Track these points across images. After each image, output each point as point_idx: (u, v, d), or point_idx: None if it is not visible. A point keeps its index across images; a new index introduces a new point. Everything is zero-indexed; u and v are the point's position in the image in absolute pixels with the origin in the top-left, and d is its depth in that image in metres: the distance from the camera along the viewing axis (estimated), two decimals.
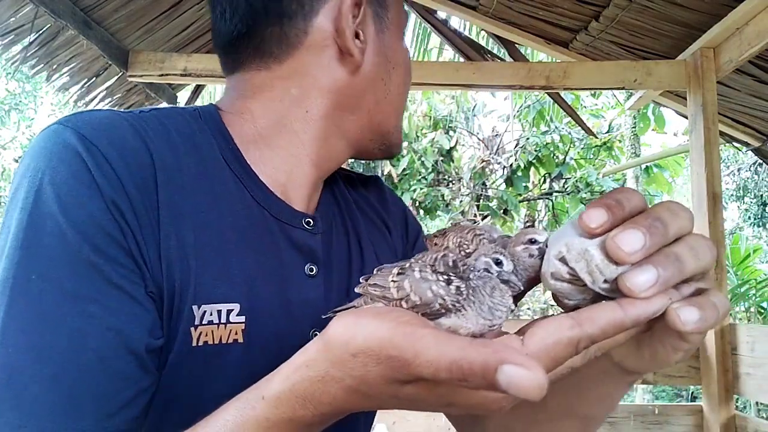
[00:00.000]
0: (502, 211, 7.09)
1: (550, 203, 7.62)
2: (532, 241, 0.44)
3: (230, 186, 0.60)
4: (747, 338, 2.08)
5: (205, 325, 0.55)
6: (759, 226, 9.37)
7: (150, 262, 0.52)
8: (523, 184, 7.38)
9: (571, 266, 0.39)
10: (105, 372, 0.48)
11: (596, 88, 2.82)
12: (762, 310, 6.20)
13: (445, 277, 0.41)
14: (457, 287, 0.41)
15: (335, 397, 0.41)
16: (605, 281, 0.38)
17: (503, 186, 7.43)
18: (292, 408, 0.42)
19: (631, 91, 2.79)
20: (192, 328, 0.54)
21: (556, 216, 7.60)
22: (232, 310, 0.56)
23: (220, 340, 0.55)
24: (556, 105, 4.65)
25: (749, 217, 9.44)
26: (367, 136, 0.70)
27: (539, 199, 7.79)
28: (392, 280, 0.43)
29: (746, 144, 2.86)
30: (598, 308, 0.36)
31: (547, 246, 0.43)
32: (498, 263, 0.41)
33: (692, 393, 6.72)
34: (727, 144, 2.96)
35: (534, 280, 0.46)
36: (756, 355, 2.03)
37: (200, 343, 0.55)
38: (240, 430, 0.44)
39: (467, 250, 0.43)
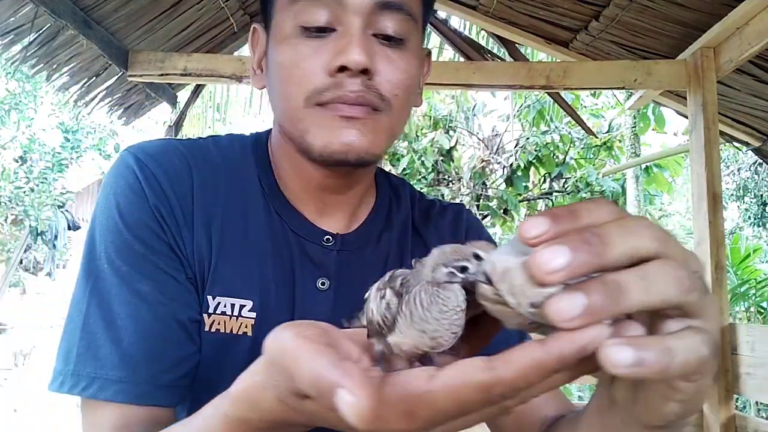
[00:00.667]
0: (502, 211, 7.09)
1: (550, 203, 7.62)
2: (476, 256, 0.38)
3: (259, 201, 0.69)
4: (747, 338, 2.08)
5: (218, 314, 0.64)
6: (759, 226, 9.37)
7: (186, 254, 0.64)
8: (523, 184, 7.38)
9: (497, 287, 0.33)
10: (157, 337, 0.60)
11: (596, 88, 2.82)
12: (762, 310, 6.20)
13: (383, 293, 0.38)
14: (387, 304, 0.37)
15: (271, 405, 0.41)
16: (532, 305, 0.31)
17: (503, 186, 7.43)
18: (243, 410, 0.44)
19: (631, 91, 2.79)
20: (205, 315, 0.64)
21: None
22: (245, 305, 0.64)
23: (231, 330, 0.64)
24: (556, 105, 4.65)
25: (749, 217, 9.44)
26: (294, 146, 0.69)
27: (539, 199, 7.80)
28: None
29: (746, 144, 2.86)
30: (518, 348, 0.30)
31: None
32: (464, 270, 0.36)
33: None
34: (727, 144, 2.96)
35: None
36: (756, 355, 2.03)
37: (212, 330, 0.64)
38: (211, 421, 0.47)
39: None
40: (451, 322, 0.35)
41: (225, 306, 0.64)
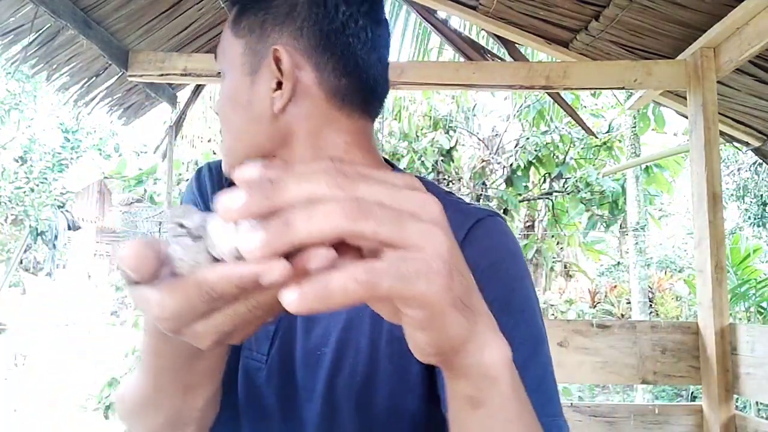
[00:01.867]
0: (502, 211, 7.09)
1: (550, 203, 7.63)
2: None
3: None
4: (747, 338, 2.08)
5: None
6: (759, 226, 9.37)
7: None
8: (523, 184, 7.39)
9: (206, 242, 0.38)
10: None
11: (596, 88, 2.82)
12: (762, 310, 6.20)
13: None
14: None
15: None
16: (236, 250, 0.36)
17: (503, 186, 7.44)
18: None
19: (631, 91, 2.79)
20: None
21: (556, 216, 7.61)
22: None
23: None
24: (556, 105, 4.65)
25: (749, 217, 9.43)
26: None
27: (539, 198, 7.80)
28: None
29: (746, 144, 2.86)
30: (229, 263, 0.36)
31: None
32: (181, 227, 0.40)
33: (692, 393, 6.72)
34: (727, 144, 2.96)
35: None
36: (756, 355, 2.03)
37: None
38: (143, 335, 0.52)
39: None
40: (184, 272, 0.40)
41: None
